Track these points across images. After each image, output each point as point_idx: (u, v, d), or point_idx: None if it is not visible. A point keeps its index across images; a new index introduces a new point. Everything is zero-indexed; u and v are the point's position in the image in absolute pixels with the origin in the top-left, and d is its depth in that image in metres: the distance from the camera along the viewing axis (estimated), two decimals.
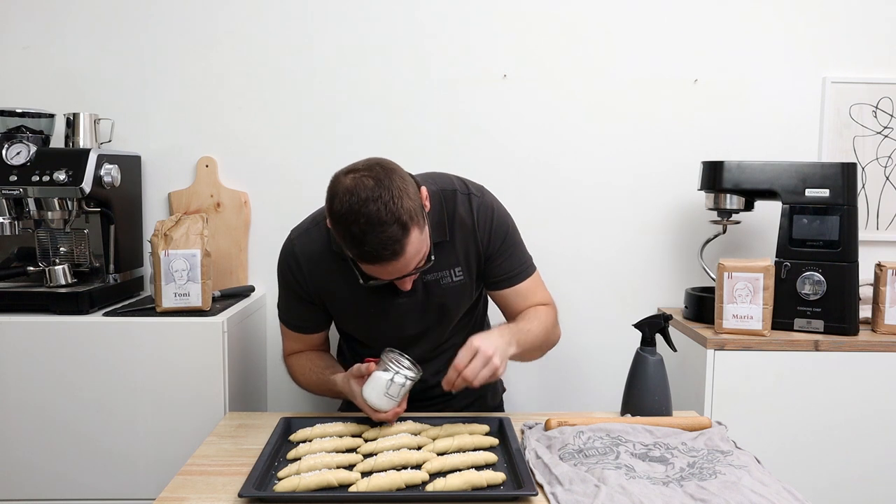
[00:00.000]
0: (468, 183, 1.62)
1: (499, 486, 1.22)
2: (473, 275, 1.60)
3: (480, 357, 1.36)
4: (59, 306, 1.75)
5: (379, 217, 1.30)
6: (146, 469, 1.73)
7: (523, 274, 1.62)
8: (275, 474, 1.25)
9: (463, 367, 1.36)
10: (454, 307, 1.61)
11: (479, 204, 1.58)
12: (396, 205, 1.31)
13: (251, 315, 2.00)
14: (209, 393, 1.72)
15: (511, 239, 1.61)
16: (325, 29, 2.13)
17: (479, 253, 1.58)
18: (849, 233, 1.90)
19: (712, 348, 1.87)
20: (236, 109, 2.14)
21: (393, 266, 1.36)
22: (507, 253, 1.60)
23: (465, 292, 1.61)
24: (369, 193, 1.30)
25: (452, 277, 1.58)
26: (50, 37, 2.11)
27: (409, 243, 1.34)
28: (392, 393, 1.40)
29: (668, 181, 2.20)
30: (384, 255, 1.33)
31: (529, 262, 1.65)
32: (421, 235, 1.37)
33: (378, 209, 1.30)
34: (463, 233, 1.56)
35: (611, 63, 2.17)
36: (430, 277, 1.56)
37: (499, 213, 1.60)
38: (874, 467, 1.89)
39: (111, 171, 1.83)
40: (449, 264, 1.57)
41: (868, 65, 2.19)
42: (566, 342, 2.09)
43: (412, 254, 1.36)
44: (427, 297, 1.57)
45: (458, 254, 1.57)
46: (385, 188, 1.31)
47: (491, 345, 1.38)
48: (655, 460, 1.29)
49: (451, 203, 1.56)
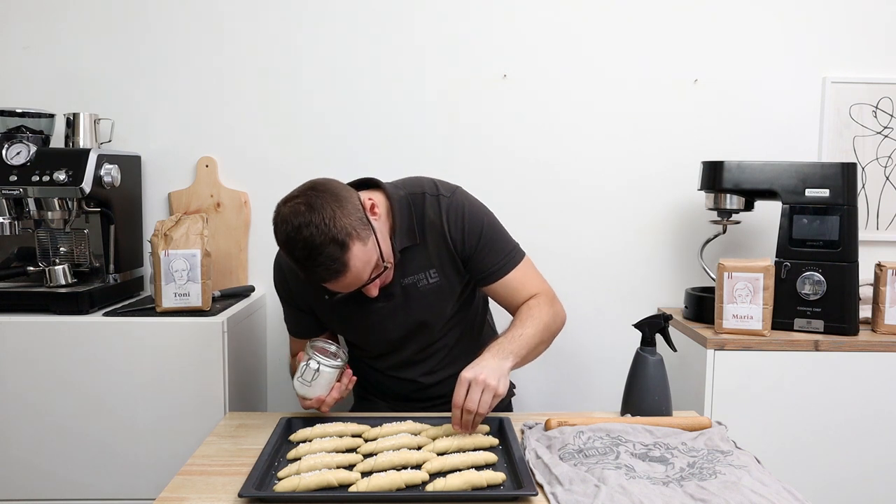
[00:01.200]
0: (439, 184, 1.61)
1: (499, 486, 1.22)
2: (451, 275, 1.60)
3: (475, 386, 1.35)
4: (59, 306, 1.75)
5: (313, 241, 1.36)
6: (146, 469, 1.73)
7: (509, 265, 1.60)
8: (275, 474, 1.25)
9: (461, 402, 1.35)
10: (434, 309, 1.61)
11: (447, 205, 1.57)
12: (328, 225, 1.36)
13: (251, 315, 2.00)
14: (209, 393, 1.72)
15: (488, 234, 1.59)
16: (325, 29, 2.13)
17: (453, 253, 1.58)
18: (849, 233, 1.90)
19: (712, 348, 1.87)
20: (236, 109, 2.14)
21: (344, 281, 1.42)
22: (488, 248, 1.58)
23: (443, 293, 1.60)
24: (301, 219, 1.36)
25: (428, 279, 1.59)
26: (50, 37, 2.11)
27: (352, 258, 1.39)
28: (306, 378, 1.44)
29: (668, 181, 2.20)
30: (328, 274, 1.39)
31: (515, 253, 1.62)
32: (366, 247, 1.42)
33: (311, 233, 1.36)
34: (434, 235, 1.57)
35: (611, 63, 2.17)
36: (407, 281, 1.57)
37: (470, 211, 1.59)
38: (874, 467, 1.89)
39: (111, 171, 1.83)
40: (423, 267, 1.58)
41: (868, 65, 2.19)
42: (566, 342, 2.10)
43: (359, 267, 1.41)
44: (406, 301, 1.59)
45: (432, 256, 1.58)
46: (316, 211, 1.37)
47: (481, 370, 1.37)
48: (655, 460, 1.29)
49: (419, 206, 1.57)
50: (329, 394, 1.47)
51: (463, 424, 1.36)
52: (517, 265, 1.61)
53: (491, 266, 1.59)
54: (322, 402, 1.47)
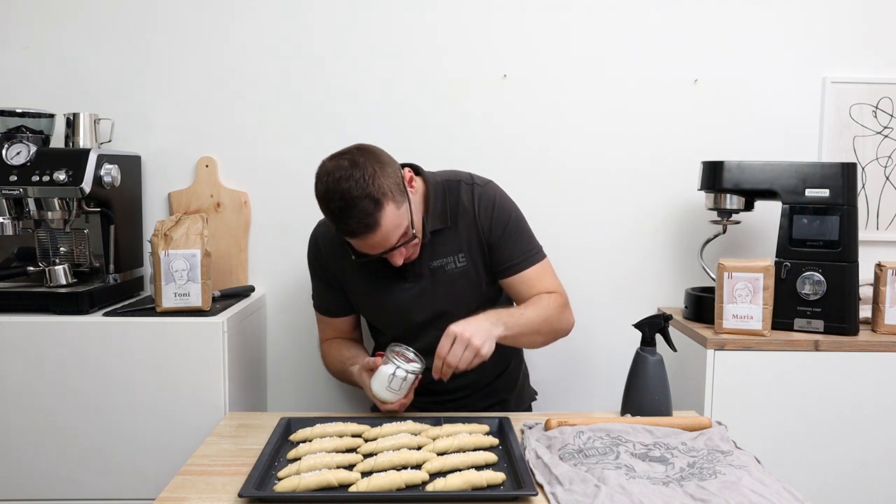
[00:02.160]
0: (475, 176, 1.70)
1: (499, 486, 1.22)
2: (478, 262, 1.65)
3: (459, 341, 1.42)
4: (59, 306, 1.75)
5: (351, 193, 1.43)
6: (146, 469, 1.73)
7: (529, 261, 1.66)
8: (275, 474, 1.25)
9: (445, 353, 1.42)
10: (460, 293, 1.65)
11: (480, 193, 1.65)
12: (367, 182, 1.43)
13: (251, 315, 2.00)
14: (209, 393, 1.72)
15: (514, 226, 1.66)
16: (325, 29, 2.13)
17: (482, 240, 1.64)
18: (849, 233, 1.90)
19: (712, 348, 1.87)
20: (236, 109, 2.14)
21: (372, 239, 1.47)
22: (511, 240, 1.65)
23: (469, 278, 1.65)
24: (342, 173, 1.44)
25: (456, 263, 1.64)
26: (50, 37, 2.11)
27: (384, 217, 1.45)
28: (394, 387, 1.48)
29: (668, 181, 2.20)
30: (360, 228, 1.45)
31: (536, 250, 1.68)
32: (398, 210, 1.48)
33: (349, 186, 1.43)
34: (465, 220, 1.64)
35: (611, 63, 2.17)
36: (436, 264, 1.63)
37: (500, 202, 1.66)
38: (874, 467, 1.89)
39: (111, 171, 1.83)
40: (452, 251, 1.64)
41: (868, 65, 2.19)
42: (567, 342, 2.09)
43: (389, 227, 1.47)
44: (434, 284, 1.64)
45: (462, 240, 1.64)
46: (359, 167, 1.45)
47: (469, 328, 1.43)
48: (655, 460, 1.29)
49: (454, 192, 1.65)
50: (408, 396, 1.53)
51: (442, 374, 1.44)
52: (536, 263, 1.67)
53: (511, 258, 1.65)
54: (403, 405, 1.53)
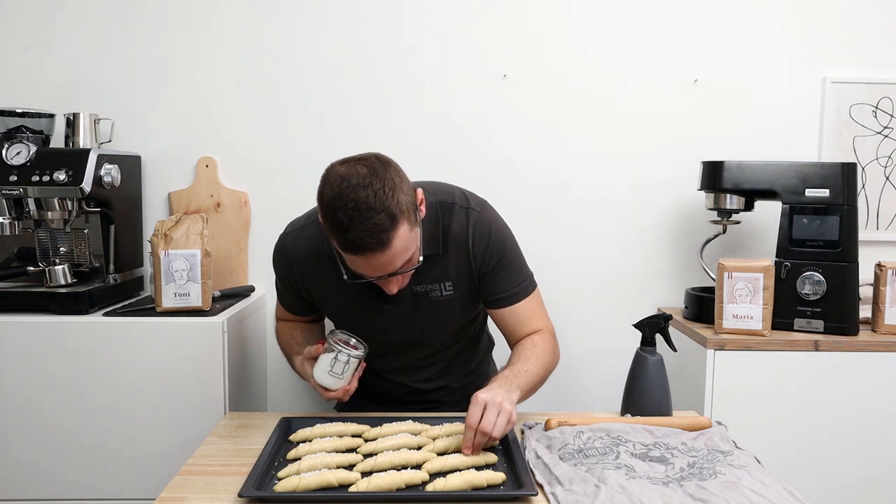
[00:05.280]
0: (469, 196, 1.56)
1: (499, 486, 1.22)
2: (465, 292, 1.56)
3: (492, 408, 1.30)
4: (59, 306, 1.75)
5: (368, 203, 1.27)
6: (146, 469, 1.73)
7: (521, 294, 1.56)
8: (275, 474, 1.25)
9: (477, 422, 1.29)
10: (441, 322, 1.58)
11: (476, 220, 1.52)
12: (387, 195, 1.29)
13: (251, 315, 2.00)
14: (209, 393, 1.72)
15: (508, 257, 1.55)
16: (325, 29, 2.13)
17: (473, 270, 1.53)
18: (849, 233, 1.90)
19: (712, 348, 1.87)
20: (236, 109, 2.14)
21: (377, 259, 1.32)
22: (504, 272, 1.54)
23: (453, 308, 1.56)
24: (360, 180, 1.29)
25: (442, 291, 1.54)
26: (50, 37, 2.11)
27: (397, 237, 1.31)
28: (336, 371, 1.45)
29: (668, 181, 2.20)
30: (369, 243, 1.29)
31: (528, 282, 1.58)
32: (410, 233, 1.34)
33: (367, 195, 1.28)
34: (457, 248, 1.52)
35: (611, 63, 2.17)
36: (420, 289, 1.53)
37: (497, 231, 1.54)
38: (874, 467, 1.89)
39: (111, 171, 1.83)
40: (439, 278, 1.53)
41: (868, 65, 2.19)
42: (567, 342, 2.09)
43: (398, 249, 1.33)
44: (414, 308, 1.54)
45: (450, 269, 1.53)
46: (378, 177, 1.30)
47: (497, 395, 1.32)
48: (655, 460, 1.29)
49: (448, 216, 1.51)
50: (351, 383, 1.48)
51: (475, 447, 1.31)
52: (528, 296, 1.57)
53: (504, 290, 1.55)
54: (347, 392, 1.48)
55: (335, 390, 1.47)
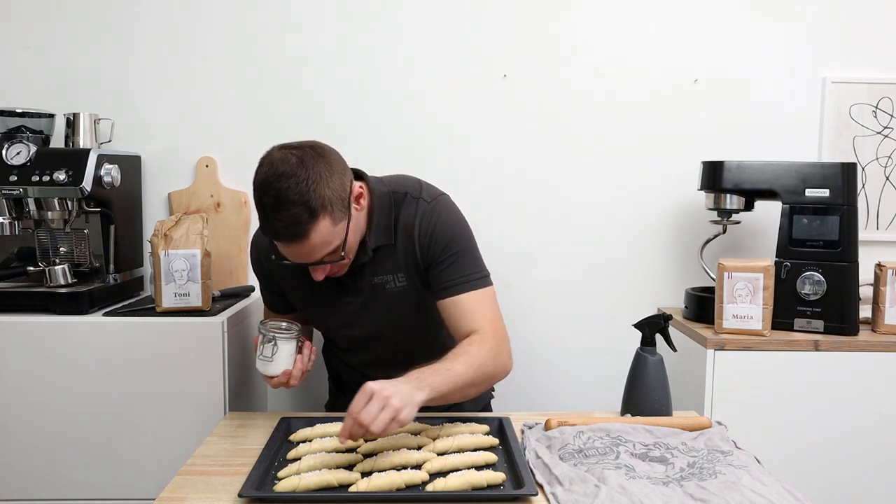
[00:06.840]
0: (425, 187, 1.55)
1: (499, 486, 1.22)
2: (417, 283, 1.53)
3: (377, 400, 1.22)
4: (59, 306, 1.75)
5: (287, 195, 1.30)
6: (146, 469, 1.73)
7: (466, 286, 1.49)
8: (275, 474, 1.25)
9: (358, 410, 1.22)
10: (399, 313, 1.56)
11: (424, 209, 1.51)
12: (309, 188, 1.31)
13: (251, 315, 2.00)
14: (209, 393, 1.72)
15: (455, 248, 1.50)
16: (325, 29, 2.13)
17: (419, 260, 1.51)
18: (849, 233, 1.90)
19: (712, 348, 1.87)
20: (236, 109, 2.14)
21: (296, 249, 1.36)
22: (449, 261, 1.49)
23: (408, 299, 1.54)
24: (286, 169, 1.31)
25: (396, 282, 1.53)
26: (50, 37, 2.11)
27: (315, 230, 1.33)
28: (266, 355, 1.44)
29: (668, 181, 2.20)
30: (285, 234, 1.34)
31: (477, 276, 1.51)
32: (333, 227, 1.36)
33: (289, 187, 1.30)
34: (406, 238, 1.51)
35: (611, 63, 2.17)
36: (378, 280, 1.53)
37: (444, 220, 1.51)
38: (874, 467, 1.89)
39: (111, 171, 1.83)
40: (393, 269, 1.53)
41: (868, 65, 2.19)
42: (567, 342, 2.10)
43: (317, 242, 1.35)
44: (374, 300, 1.55)
45: (400, 259, 1.52)
46: (305, 168, 1.32)
47: (389, 387, 1.25)
48: (655, 460, 1.29)
49: (399, 207, 1.51)
50: (294, 366, 1.46)
51: (352, 435, 1.24)
52: (476, 289, 1.50)
53: (446, 280, 1.49)
54: (289, 376, 1.45)
55: (275, 376, 1.45)
